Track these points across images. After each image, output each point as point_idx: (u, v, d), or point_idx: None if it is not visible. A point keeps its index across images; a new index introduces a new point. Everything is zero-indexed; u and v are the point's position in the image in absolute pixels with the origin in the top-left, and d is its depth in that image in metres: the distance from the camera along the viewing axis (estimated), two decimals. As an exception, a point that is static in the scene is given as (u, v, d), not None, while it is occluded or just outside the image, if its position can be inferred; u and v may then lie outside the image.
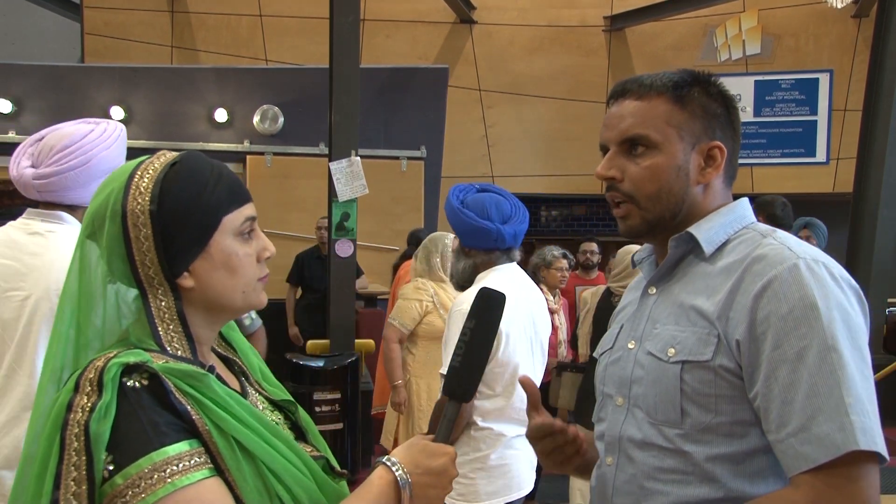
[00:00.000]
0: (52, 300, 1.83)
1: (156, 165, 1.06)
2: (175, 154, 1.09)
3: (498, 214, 2.54)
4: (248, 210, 1.10)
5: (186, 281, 1.05)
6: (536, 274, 5.18)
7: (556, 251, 5.21)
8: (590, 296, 4.83)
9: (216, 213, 1.06)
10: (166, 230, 1.03)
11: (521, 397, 2.42)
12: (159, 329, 1.04)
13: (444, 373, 2.49)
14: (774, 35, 8.15)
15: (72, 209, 1.94)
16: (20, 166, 1.91)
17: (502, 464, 2.42)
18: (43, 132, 1.92)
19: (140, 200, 1.03)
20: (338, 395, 4.67)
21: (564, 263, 5.20)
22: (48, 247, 1.88)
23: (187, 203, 1.04)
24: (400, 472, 1.04)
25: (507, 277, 2.56)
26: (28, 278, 1.86)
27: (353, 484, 1.16)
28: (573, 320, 5.57)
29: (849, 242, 6.12)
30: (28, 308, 1.85)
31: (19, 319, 1.85)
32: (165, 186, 1.04)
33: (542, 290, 5.16)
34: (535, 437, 1.34)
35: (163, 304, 1.05)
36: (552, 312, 5.18)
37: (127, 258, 1.03)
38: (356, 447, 4.85)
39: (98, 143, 1.87)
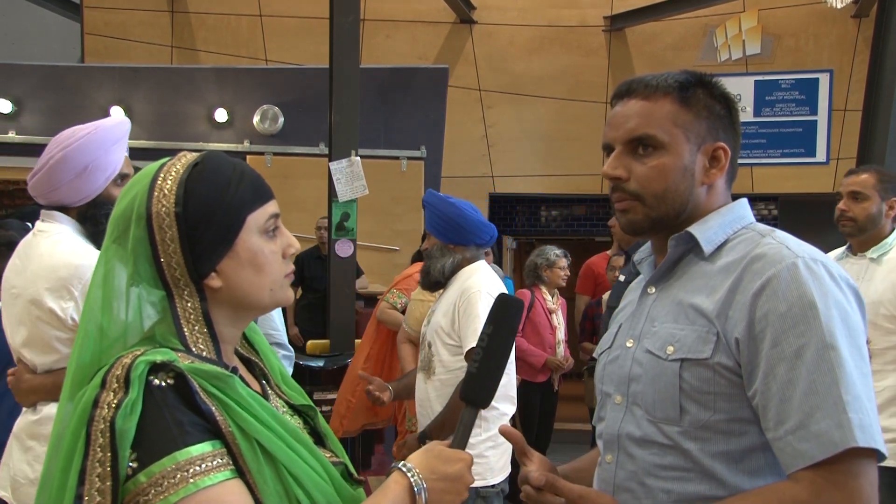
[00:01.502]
0: (27, 297, 1.93)
1: (178, 167, 1.06)
2: (196, 154, 1.09)
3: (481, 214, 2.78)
4: (271, 207, 1.10)
5: (214, 281, 1.05)
6: (538, 273, 5.19)
7: (557, 251, 5.23)
8: None
9: (240, 212, 1.06)
10: (192, 231, 1.03)
11: (514, 377, 2.79)
12: (185, 330, 1.04)
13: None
14: (774, 35, 8.14)
15: (65, 209, 2.00)
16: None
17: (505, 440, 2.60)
18: None
19: (165, 203, 1.03)
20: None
21: (565, 263, 5.23)
22: (36, 245, 1.97)
23: (212, 203, 1.04)
24: (415, 477, 1.04)
25: (492, 273, 2.75)
26: (20, 276, 1.98)
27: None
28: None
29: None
30: (19, 303, 1.96)
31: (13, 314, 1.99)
32: (189, 187, 1.04)
33: (542, 289, 5.19)
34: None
35: (188, 304, 1.05)
36: (550, 312, 5.18)
37: (153, 260, 1.03)
38: (357, 447, 4.85)
39: (61, 143, 1.91)
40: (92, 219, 1.98)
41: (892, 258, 2.75)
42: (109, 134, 1.96)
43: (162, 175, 1.05)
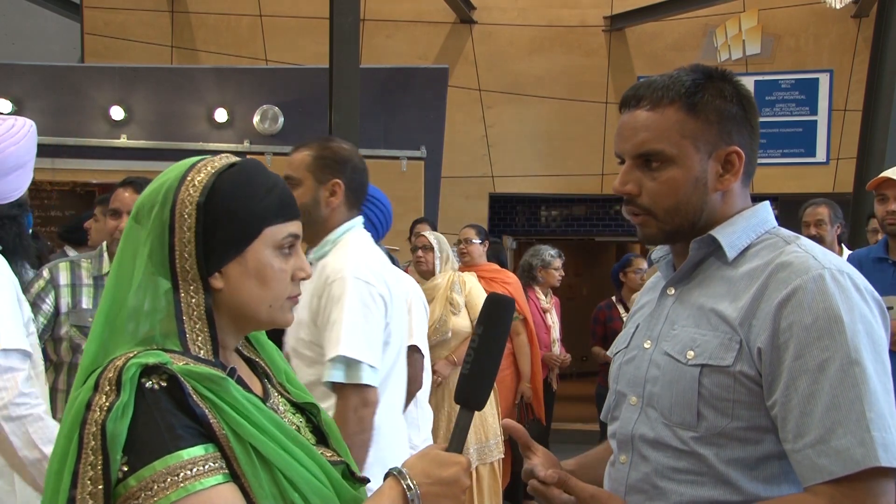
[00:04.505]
0: None
1: (216, 164, 1.08)
2: (238, 158, 1.11)
3: None
4: (292, 227, 1.10)
5: (217, 281, 1.05)
6: (533, 273, 5.18)
7: (552, 251, 5.23)
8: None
9: (260, 222, 1.06)
10: (208, 225, 1.03)
11: None
12: (186, 327, 1.04)
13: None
14: (774, 35, 8.14)
15: None
16: None
17: None
18: None
19: (191, 191, 1.04)
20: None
21: (559, 263, 5.24)
22: None
23: (234, 204, 1.05)
24: (409, 482, 1.04)
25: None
26: None
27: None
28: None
29: (849, 242, 6.12)
30: None
31: None
32: (218, 182, 1.05)
33: (536, 289, 5.18)
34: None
35: (193, 301, 1.05)
36: (545, 311, 5.18)
37: (168, 247, 1.03)
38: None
39: (5, 139, 1.85)
40: (13, 219, 1.90)
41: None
42: (36, 134, 1.94)
43: (197, 168, 1.07)
